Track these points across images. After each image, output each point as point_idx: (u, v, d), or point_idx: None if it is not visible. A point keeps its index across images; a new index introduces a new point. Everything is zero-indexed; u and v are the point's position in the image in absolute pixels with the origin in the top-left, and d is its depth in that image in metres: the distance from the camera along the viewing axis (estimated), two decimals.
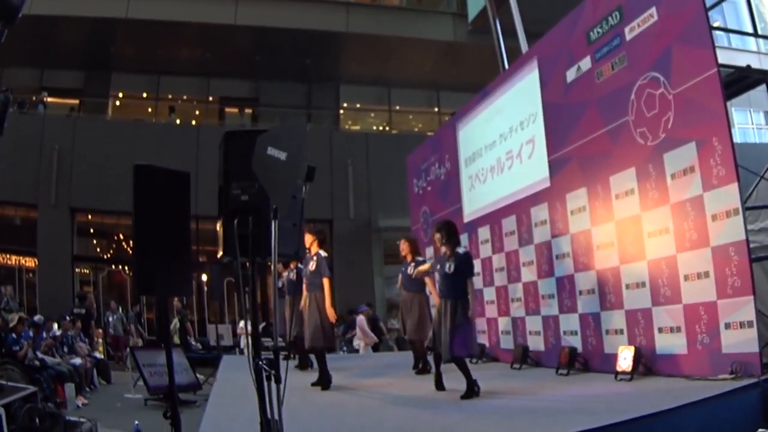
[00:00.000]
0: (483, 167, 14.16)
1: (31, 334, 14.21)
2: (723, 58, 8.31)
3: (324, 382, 10.50)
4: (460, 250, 9.36)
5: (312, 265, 10.93)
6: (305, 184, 5.93)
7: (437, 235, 9.60)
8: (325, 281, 10.69)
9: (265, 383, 5.54)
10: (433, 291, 11.80)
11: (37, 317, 16.31)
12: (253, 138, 5.77)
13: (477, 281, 13.92)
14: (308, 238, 11.01)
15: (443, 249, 9.54)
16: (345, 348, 20.33)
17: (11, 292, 22.25)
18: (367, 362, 14.77)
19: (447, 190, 15.94)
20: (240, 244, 5.87)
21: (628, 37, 9.40)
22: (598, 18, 10.12)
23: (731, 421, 6.65)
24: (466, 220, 14.78)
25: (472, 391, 8.79)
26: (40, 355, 14.16)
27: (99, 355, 18.84)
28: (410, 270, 12.23)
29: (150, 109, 31.44)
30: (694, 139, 8.15)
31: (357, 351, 19.58)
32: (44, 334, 15.42)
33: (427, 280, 11.92)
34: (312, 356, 11.98)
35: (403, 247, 12.50)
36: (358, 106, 33.73)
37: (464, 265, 9.23)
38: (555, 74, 11.32)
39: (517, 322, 12.59)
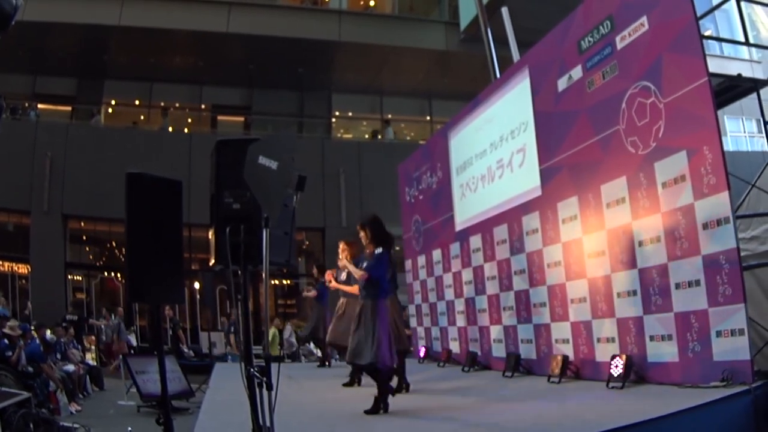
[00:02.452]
0: (474, 176, 14.19)
1: (21, 343, 14.18)
2: (714, 66, 8.35)
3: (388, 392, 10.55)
4: (378, 250, 9.23)
5: (343, 276, 11.71)
6: (296, 194, 5.97)
7: (361, 233, 9.54)
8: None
9: (257, 390, 5.57)
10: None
11: (48, 336, 16.30)
12: (245, 147, 5.79)
13: (469, 289, 13.97)
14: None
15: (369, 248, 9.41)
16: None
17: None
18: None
19: (439, 199, 15.96)
20: (232, 252, 5.89)
21: (619, 46, 9.43)
22: (589, 27, 10.15)
23: (722, 428, 6.66)
24: (457, 228, 14.81)
25: (378, 407, 8.68)
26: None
27: (92, 361, 18.83)
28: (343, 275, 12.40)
29: (143, 117, 31.44)
30: (685, 148, 8.16)
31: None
32: (37, 341, 15.41)
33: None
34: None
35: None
36: (350, 114, 33.77)
37: (371, 262, 9.16)
38: (546, 83, 11.35)
39: (508, 331, 12.59)
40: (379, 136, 31.59)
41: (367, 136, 32.64)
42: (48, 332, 16.77)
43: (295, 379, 12.84)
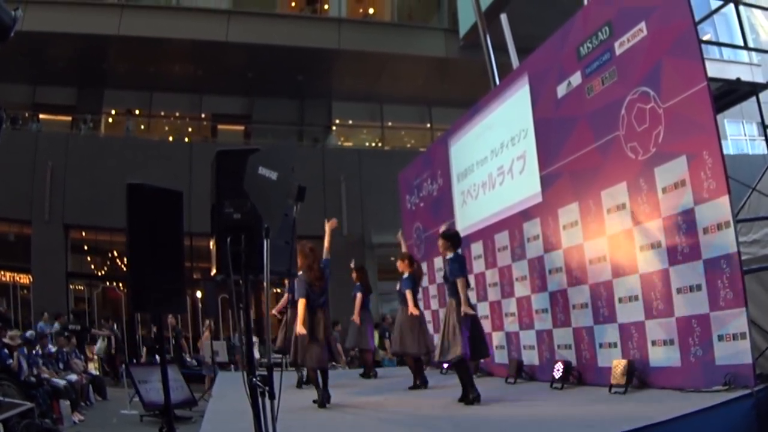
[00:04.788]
0: (475, 183, 14.21)
1: (25, 350, 14.16)
2: (714, 70, 8.35)
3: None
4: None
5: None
6: (296, 204, 5.98)
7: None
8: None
9: (260, 399, 5.58)
10: (410, 301, 12.20)
11: (29, 333, 16.30)
12: (245, 157, 5.80)
13: (471, 296, 13.98)
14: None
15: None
16: None
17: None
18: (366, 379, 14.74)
19: (439, 206, 15.98)
20: (233, 262, 5.90)
21: (618, 52, 9.45)
22: (588, 33, 10.17)
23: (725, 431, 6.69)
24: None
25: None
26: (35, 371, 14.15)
27: (94, 371, 18.81)
28: (398, 286, 12.56)
29: (143, 126, 31.47)
30: (685, 152, 8.19)
31: None
32: (39, 350, 15.41)
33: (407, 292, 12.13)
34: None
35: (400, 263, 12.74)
36: (350, 122, 33.78)
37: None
38: (546, 90, 11.37)
39: (511, 337, 12.61)
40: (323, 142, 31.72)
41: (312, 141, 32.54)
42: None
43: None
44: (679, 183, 8.31)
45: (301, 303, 10.43)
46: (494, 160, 13.34)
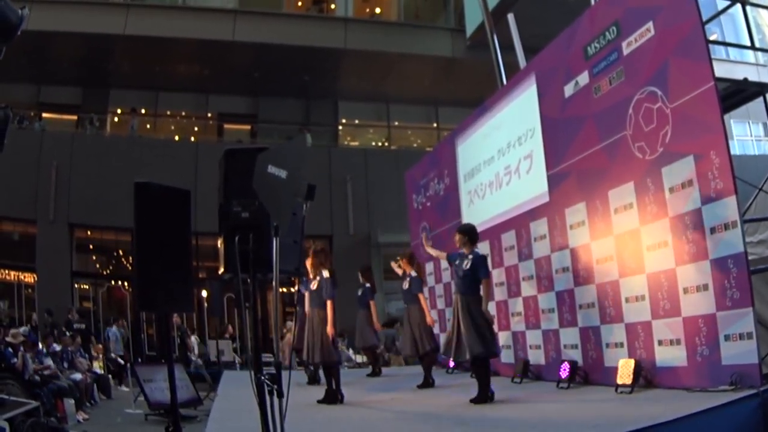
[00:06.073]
0: (482, 182, 14.18)
1: (22, 348, 14.13)
2: (721, 70, 8.33)
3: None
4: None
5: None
6: (305, 202, 5.97)
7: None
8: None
9: (267, 398, 5.57)
10: (425, 307, 12.43)
11: (22, 329, 16.30)
12: (254, 156, 5.80)
13: None
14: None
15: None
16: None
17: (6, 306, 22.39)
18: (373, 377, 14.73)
19: (446, 206, 15.95)
20: (241, 261, 5.89)
21: (626, 51, 9.43)
22: (595, 33, 10.15)
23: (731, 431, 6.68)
24: None
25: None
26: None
27: (99, 370, 18.80)
28: (405, 285, 12.52)
29: (149, 126, 31.48)
30: (692, 152, 8.17)
31: None
32: (43, 348, 15.41)
33: (420, 296, 12.21)
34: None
35: (402, 263, 12.76)
36: (356, 122, 33.81)
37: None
38: (553, 89, 11.34)
39: (517, 336, 12.58)
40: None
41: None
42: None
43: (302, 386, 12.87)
44: (686, 183, 8.29)
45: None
46: (501, 159, 13.31)
